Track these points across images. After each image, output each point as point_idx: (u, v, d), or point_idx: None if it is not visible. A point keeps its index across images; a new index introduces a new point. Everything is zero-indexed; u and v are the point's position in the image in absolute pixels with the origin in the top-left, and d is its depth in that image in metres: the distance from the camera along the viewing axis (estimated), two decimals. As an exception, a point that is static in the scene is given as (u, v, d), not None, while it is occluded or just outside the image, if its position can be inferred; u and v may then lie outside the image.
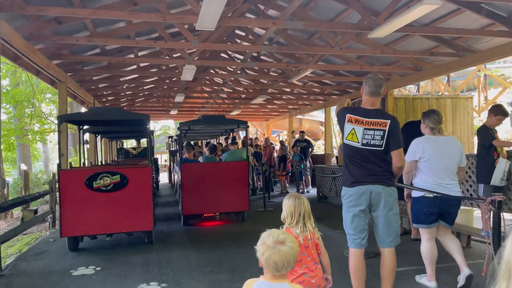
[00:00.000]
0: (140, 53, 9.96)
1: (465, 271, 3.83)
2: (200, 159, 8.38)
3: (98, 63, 9.72)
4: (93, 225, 5.62)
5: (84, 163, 7.68)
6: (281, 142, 15.88)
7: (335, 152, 18.29)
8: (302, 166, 11.65)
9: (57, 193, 5.57)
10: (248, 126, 7.72)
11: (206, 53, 9.09)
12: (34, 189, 16.88)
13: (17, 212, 12.94)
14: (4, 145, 17.27)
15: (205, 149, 10.00)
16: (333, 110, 21.90)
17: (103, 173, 5.60)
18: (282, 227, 2.66)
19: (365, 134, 3.32)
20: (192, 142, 16.42)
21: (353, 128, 3.36)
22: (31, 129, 17.51)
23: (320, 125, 23.14)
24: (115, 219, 5.68)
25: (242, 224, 7.51)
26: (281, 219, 2.85)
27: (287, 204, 2.80)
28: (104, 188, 5.62)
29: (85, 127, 7.92)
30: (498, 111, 5.23)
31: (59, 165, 5.45)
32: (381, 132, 3.30)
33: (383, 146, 3.31)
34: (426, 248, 3.95)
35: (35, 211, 10.30)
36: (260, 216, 8.41)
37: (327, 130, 14.48)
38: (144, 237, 6.13)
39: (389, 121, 3.33)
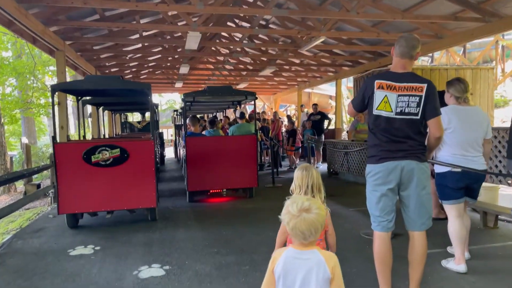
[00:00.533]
0: (142, 21, 9.42)
1: (461, 266, 3.61)
2: (204, 133, 7.96)
3: (98, 30, 9.22)
4: (92, 202, 5.28)
5: (84, 136, 7.30)
6: (288, 117, 15.40)
7: (345, 127, 17.79)
8: (314, 141, 11.21)
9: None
10: (256, 98, 7.25)
11: (212, 20, 8.52)
12: (39, 163, 16.69)
13: (20, 186, 12.75)
14: (8, 118, 16.99)
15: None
16: (345, 82, 21.07)
17: (101, 147, 5.21)
18: (287, 198, 2.45)
19: (399, 101, 2.87)
20: (199, 116, 16.02)
21: (386, 96, 2.91)
22: (35, 102, 17.17)
23: (330, 99, 22.54)
24: (116, 195, 5.34)
25: (250, 201, 7.16)
26: (290, 191, 2.69)
27: (296, 176, 2.69)
28: (103, 163, 5.25)
29: (85, 98, 7.52)
30: None
31: (53, 138, 5.06)
32: (417, 98, 2.85)
33: (419, 114, 2.87)
34: (455, 227, 3.61)
35: (38, 186, 10.05)
36: (268, 192, 8.05)
37: (338, 104, 13.95)
38: (147, 214, 5.81)
39: (425, 85, 2.87)
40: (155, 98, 43.05)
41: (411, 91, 2.86)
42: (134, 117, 25.44)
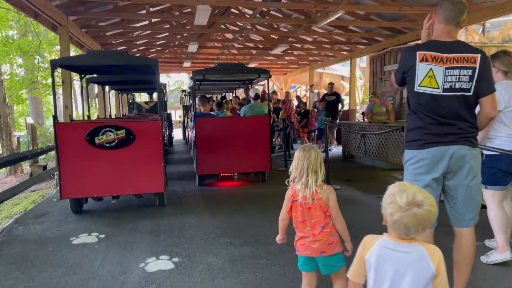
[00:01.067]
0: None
1: (506, 254, 3.28)
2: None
3: (103, 5, 8.76)
4: (96, 186, 4.96)
5: (88, 117, 6.96)
6: (298, 97, 14.89)
7: (358, 108, 17.27)
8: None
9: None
10: (270, 76, 6.81)
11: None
12: (46, 143, 16.49)
13: (27, 167, 12.55)
14: (14, 98, 16.72)
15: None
16: (364, 60, 20.27)
17: (106, 127, 4.86)
18: (287, 181, 2.47)
19: (447, 75, 2.44)
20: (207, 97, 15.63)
21: (431, 69, 2.47)
22: (41, 82, 16.84)
23: (342, 80, 21.93)
24: (121, 179, 5.01)
25: (262, 185, 6.81)
26: (288, 172, 2.50)
27: (294, 156, 2.48)
28: (107, 145, 4.91)
29: (90, 76, 7.15)
30: None
31: (54, 118, 4.71)
32: (470, 71, 2.42)
33: (472, 90, 2.44)
34: (498, 214, 3.28)
35: (44, 167, 9.81)
36: (281, 176, 7.66)
37: (352, 85, 13.40)
38: (154, 199, 5.49)
39: (478, 55, 2.43)
40: (163, 78, 42.65)
41: (463, 62, 2.42)
42: (142, 97, 25.10)
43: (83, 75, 6.32)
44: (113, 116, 9.30)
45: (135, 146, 4.96)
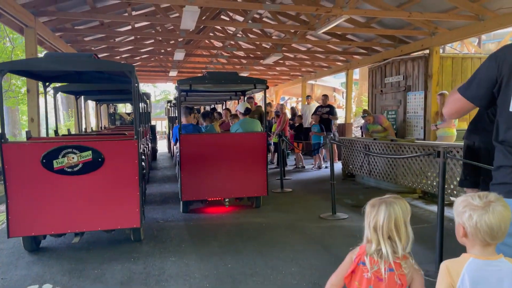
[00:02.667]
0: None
1: None
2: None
3: (78, 5, 7.83)
4: (54, 221, 3.98)
5: (56, 132, 5.98)
6: (293, 109, 14.07)
7: (352, 121, 16.53)
8: (322, 139, 9.94)
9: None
10: (267, 87, 5.95)
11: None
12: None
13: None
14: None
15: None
16: (356, 73, 19.69)
17: (67, 148, 3.90)
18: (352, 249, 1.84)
19: None
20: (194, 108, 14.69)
21: None
22: (15, 90, 15.71)
23: (334, 91, 21.27)
24: (86, 212, 4.04)
25: (258, 213, 5.89)
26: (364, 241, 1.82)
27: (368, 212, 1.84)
28: (69, 170, 3.94)
29: (57, 85, 6.19)
30: None
31: (1, 136, 3.74)
32: None
33: None
34: None
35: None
36: (277, 200, 6.78)
37: (348, 97, 12.66)
38: (129, 233, 4.52)
39: None
40: (149, 88, 41.60)
41: None
42: (127, 107, 24.02)
43: (47, 83, 5.34)
44: (89, 130, 8.28)
45: (104, 171, 4.01)
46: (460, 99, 1.87)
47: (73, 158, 3.91)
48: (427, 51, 8.63)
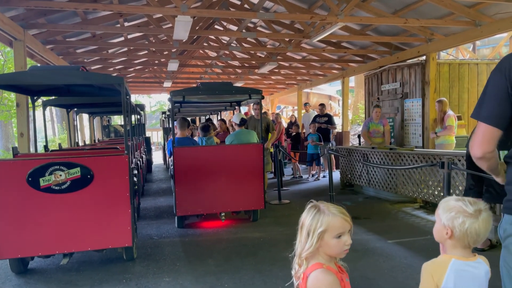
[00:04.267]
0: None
1: None
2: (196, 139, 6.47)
3: (69, 17, 7.69)
4: (42, 242, 3.79)
5: (46, 147, 5.79)
6: (292, 117, 13.91)
7: (349, 129, 16.40)
8: (319, 149, 9.78)
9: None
10: (263, 97, 5.81)
11: (204, 5, 7.07)
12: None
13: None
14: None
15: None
16: (352, 80, 19.61)
17: (54, 166, 3.72)
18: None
19: None
20: (190, 120, 14.52)
21: None
22: (7, 104, 15.51)
23: (330, 100, 21.21)
24: (75, 232, 3.85)
25: (255, 227, 5.70)
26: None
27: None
28: (57, 188, 3.76)
29: (46, 99, 6.02)
30: None
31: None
32: None
33: None
34: None
35: None
36: (275, 212, 6.60)
37: (345, 105, 12.54)
38: (121, 251, 4.32)
39: None
40: (144, 99, 41.49)
41: None
42: (122, 119, 23.83)
43: (35, 97, 5.17)
44: (79, 143, 8.10)
45: (93, 188, 3.83)
46: (478, 126, 1.68)
47: (60, 175, 3.73)
48: (423, 58, 8.53)
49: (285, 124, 15.33)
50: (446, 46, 8.25)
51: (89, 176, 3.81)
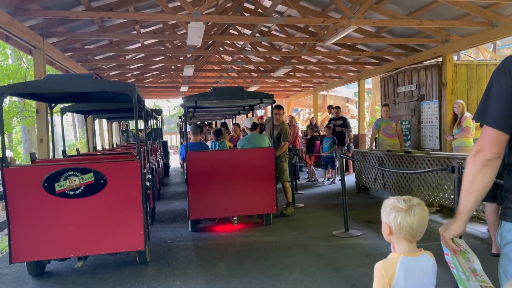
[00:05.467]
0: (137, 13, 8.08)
1: None
2: (208, 144, 6.52)
3: (86, 25, 7.90)
4: (57, 246, 3.90)
5: (64, 152, 5.95)
6: (312, 122, 13.86)
7: (365, 132, 16.28)
8: (334, 153, 9.70)
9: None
10: (274, 101, 5.84)
11: (217, 11, 7.16)
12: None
13: None
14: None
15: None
16: (369, 82, 19.40)
17: (68, 171, 3.83)
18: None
19: None
20: (207, 123, 14.65)
21: None
22: (30, 110, 15.99)
23: (347, 102, 21.06)
24: (89, 236, 3.95)
25: (268, 231, 5.71)
26: None
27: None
28: (71, 193, 3.87)
29: (64, 105, 6.19)
30: None
31: (1, 160, 3.69)
32: None
33: None
34: None
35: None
36: (289, 216, 6.59)
37: (361, 107, 12.45)
38: (134, 255, 4.41)
39: None
40: (163, 103, 42.00)
41: None
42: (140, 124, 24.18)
43: (53, 104, 5.33)
44: (97, 148, 8.28)
45: (106, 193, 3.92)
46: (484, 130, 1.61)
47: (74, 180, 3.84)
48: (440, 59, 8.40)
49: (302, 127, 15.33)
50: (463, 47, 8.11)
51: (102, 181, 3.91)
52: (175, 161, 18.45)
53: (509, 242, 1.58)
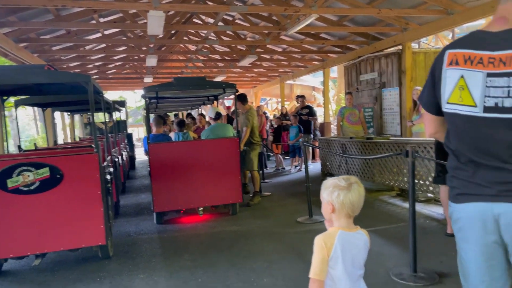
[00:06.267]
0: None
1: None
2: (172, 135, 6.44)
3: (41, 14, 7.55)
4: (12, 244, 3.76)
5: (19, 147, 5.71)
6: (282, 111, 13.86)
7: (332, 120, 16.53)
8: (299, 142, 9.79)
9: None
10: (237, 90, 5.81)
11: (178, 1, 7.01)
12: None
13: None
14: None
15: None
16: (334, 70, 19.66)
17: (22, 166, 3.68)
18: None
19: (489, 87, 1.51)
20: (175, 115, 14.45)
21: (462, 76, 1.57)
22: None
23: (313, 91, 21.28)
24: (47, 232, 3.83)
25: (234, 220, 5.73)
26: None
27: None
28: (25, 188, 3.73)
29: (19, 98, 5.93)
30: None
31: None
32: None
33: None
34: None
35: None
36: (255, 205, 6.63)
37: (326, 95, 12.62)
38: (96, 250, 4.31)
39: None
40: (128, 94, 40.97)
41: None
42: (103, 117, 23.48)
43: (5, 97, 5.09)
44: (57, 142, 8.00)
45: (63, 187, 3.80)
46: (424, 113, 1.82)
47: (28, 176, 3.69)
48: (400, 47, 8.61)
49: (270, 116, 15.36)
50: (421, 35, 8.33)
51: (58, 176, 3.78)
52: (141, 153, 18.11)
53: (456, 219, 1.67)
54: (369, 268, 3.73)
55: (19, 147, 5.77)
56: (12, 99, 6.06)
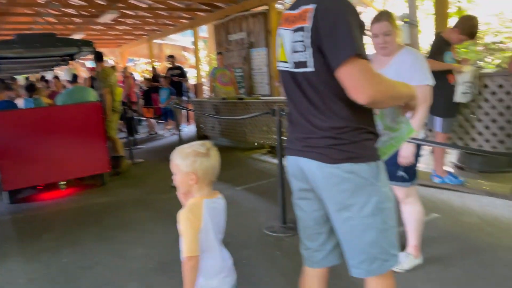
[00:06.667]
0: None
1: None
2: (19, 102, 5.59)
3: None
4: None
5: None
6: (154, 70, 13.04)
7: (204, 81, 16.40)
8: (169, 105, 9.44)
9: None
10: (94, 49, 5.21)
11: None
12: None
13: None
14: None
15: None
16: (204, 30, 19.22)
17: None
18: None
19: (294, 42, 1.56)
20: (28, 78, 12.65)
21: (281, 35, 1.66)
22: None
23: (183, 51, 20.70)
24: None
25: (103, 191, 5.33)
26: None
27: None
28: None
29: None
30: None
31: None
32: (301, 35, 1.51)
33: (311, 63, 1.50)
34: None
35: None
36: (127, 173, 6.27)
37: (197, 56, 12.34)
38: None
39: (312, 6, 1.46)
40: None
41: (298, 22, 1.53)
42: None
43: None
44: None
45: None
46: None
47: None
48: (267, 7, 8.75)
49: (139, 78, 14.52)
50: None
51: None
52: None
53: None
54: (243, 224, 3.87)
55: None
56: None
